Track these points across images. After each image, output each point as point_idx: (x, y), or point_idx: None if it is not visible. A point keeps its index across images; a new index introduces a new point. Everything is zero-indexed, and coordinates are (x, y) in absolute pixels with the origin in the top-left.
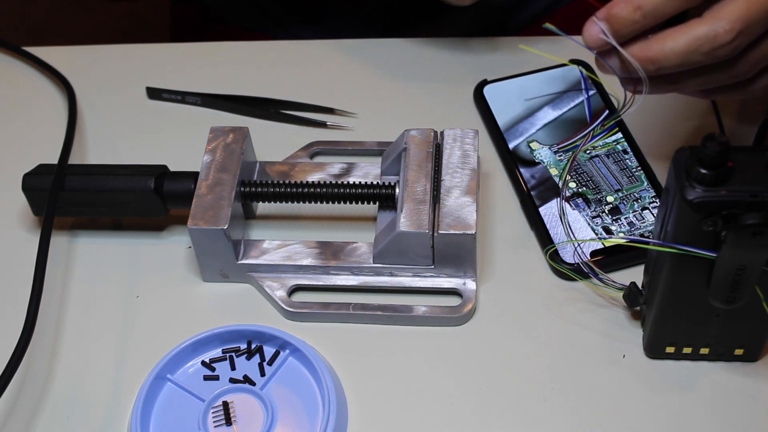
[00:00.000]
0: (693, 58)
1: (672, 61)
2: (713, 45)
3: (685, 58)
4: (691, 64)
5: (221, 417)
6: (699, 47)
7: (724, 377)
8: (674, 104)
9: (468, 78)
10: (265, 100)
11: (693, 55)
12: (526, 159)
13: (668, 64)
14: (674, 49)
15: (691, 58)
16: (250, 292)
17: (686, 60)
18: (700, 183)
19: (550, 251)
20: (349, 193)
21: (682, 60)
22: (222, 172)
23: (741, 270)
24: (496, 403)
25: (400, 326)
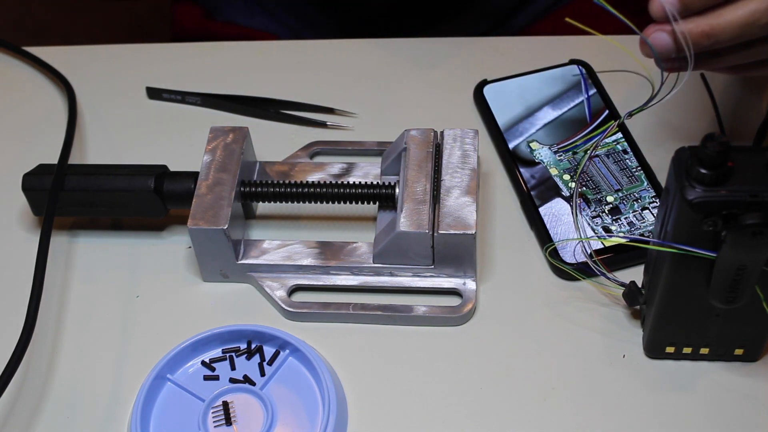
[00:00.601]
0: (750, 30)
1: (729, 34)
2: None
3: (743, 31)
4: (747, 37)
5: (221, 417)
6: (758, 19)
7: (724, 377)
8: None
9: (468, 78)
10: (265, 100)
11: (751, 27)
12: (526, 159)
13: (725, 38)
14: (732, 22)
15: (748, 30)
16: (250, 292)
17: (743, 32)
18: (700, 183)
19: (549, 249)
20: (349, 193)
21: (739, 32)
22: (222, 172)
23: (741, 270)
24: (496, 403)
25: (400, 326)
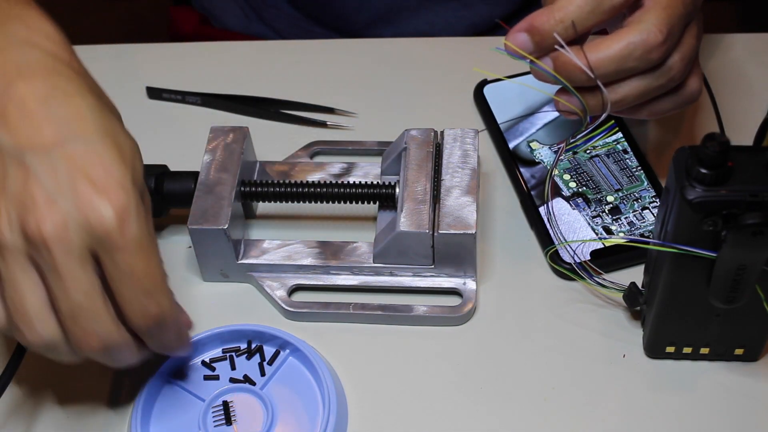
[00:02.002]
0: (628, 64)
1: (607, 68)
2: (646, 48)
3: (621, 64)
4: (626, 71)
5: (221, 417)
6: (632, 52)
7: (724, 377)
8: None
9: (468, 78)
10: (265, 100)
11: (627, 60)
12: (526, 159)
13: (604, 71)
14: (609, 56)
15: (625, 64)
16: (250, 291)
17: (621, 66)
18: (700, 183)
19: (550, 252)
20: (349, 192)
21: (617, 66)
22: (222, 171)
23: (741, 270)
24: (496, 403)
25: (400, 326)
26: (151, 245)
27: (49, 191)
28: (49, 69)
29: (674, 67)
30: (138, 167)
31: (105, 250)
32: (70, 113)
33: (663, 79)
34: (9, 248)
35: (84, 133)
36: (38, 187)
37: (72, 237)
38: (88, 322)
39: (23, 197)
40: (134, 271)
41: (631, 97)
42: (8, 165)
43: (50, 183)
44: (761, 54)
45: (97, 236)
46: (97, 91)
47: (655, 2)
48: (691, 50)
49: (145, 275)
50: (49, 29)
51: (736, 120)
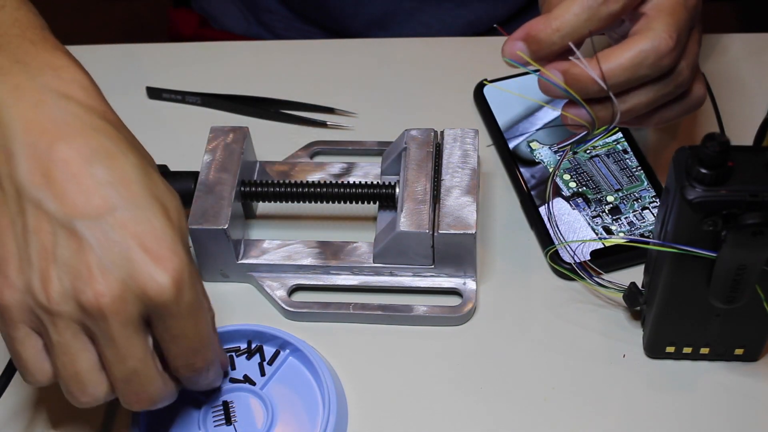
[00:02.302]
0: (640, 72)
1: (619, 77)
2: (658, 54)
3: (633, 73)
4: (637, 80)
5: (221, 417)
6: (644, 60)
7: (724, 377)
8: None
9: (468, 78)
10: (265, 100)
11: (639, 68)
12: (526, 159)
13: (616, 81)
14: (621, 65)
15: (638, 72)
16: (250, 291)
17: (633, 75)
18: (700, 183)
19: (550, 252)
20: (349, 192)
21: (629, 75)
22: (222, 171)
23: (741, 270)
24: (496, 403)
25: (400, 326)
26: (203, 307)
27: (103, 261)
28: (88, 126)
29: (682, 72)
30: (184, 225)
31: (159, 317)
32: (115, 177)
33: (671, 86)
34: (62, 316)
35: (132, 199)
36: (92, 256)
37: (129, 308)
38: (142, 386)
39: (77, 266)
40: (186, 335)
41: (640, 105)
42: (58, 232)
43: (104, 252)
44: (761, 54)
45: (153, 305)
46: (134, 144)
47: (660, 9)
48: (695, 56)
49: (195, 336)
50: (82, 78)
51: (736, 120)
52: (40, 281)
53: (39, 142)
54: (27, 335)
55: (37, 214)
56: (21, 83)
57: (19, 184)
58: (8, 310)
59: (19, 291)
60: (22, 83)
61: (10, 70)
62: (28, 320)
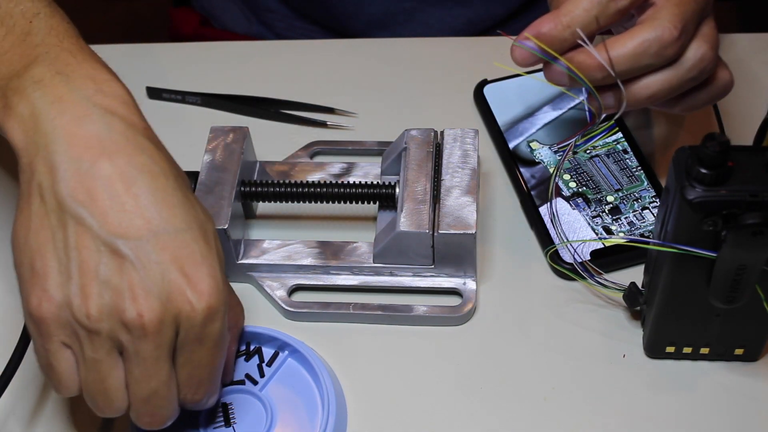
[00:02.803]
0: (643, 60)
1: (622, 66)
2: (661, 44)
3: (635, 61)
4: (641, 68)
5: (220, 418)
6: (647, 49)
7: (724, 377)
8: None
9: (468, 78)
10: (265, 100)
11: (642, 57)
12: (526, 159)
13: (619, 69)
14: (624, 53)
15: (640, 60)
16: (250, 291)
17: (637, 63)
18: (700, 183)
19: (550, 252)
20: (349, 192)
21: (632, 63)
22: (222, 171)
23: (741, 270)
24: (496, 403)
25: (400, 326)
26: (225, 340)
27: (145, 281)
28: (131, 143)
29: (705, 57)
30: (221, 250)
31: (184, 342)
32: (158, 199)
33: (694, 72)
34: (100, 333)
35: (173, 222)
36: (135, 275)
37: (166, 329)
38: (159, 407)
39: (119, 284)
40: (201, 364)
41: (663, 92)
42: (101, 249)
43: (145, 273)
44: (761, 54)
45: (184, 329)
46: (172, 163)
47: (667, 0)
48: (716, 40)
49: (208, 367)
50: (123, 93)
51: (736, 120)
52: (80, 297)
53: (82, 158)
54: (61, 348)
55: (78, 230)
56: (64, 96)
57: (61, 199)
58: (45, 324)
59: (57, 305)
60: (64, 96)
61: (51, 82)
62: (63, 334)
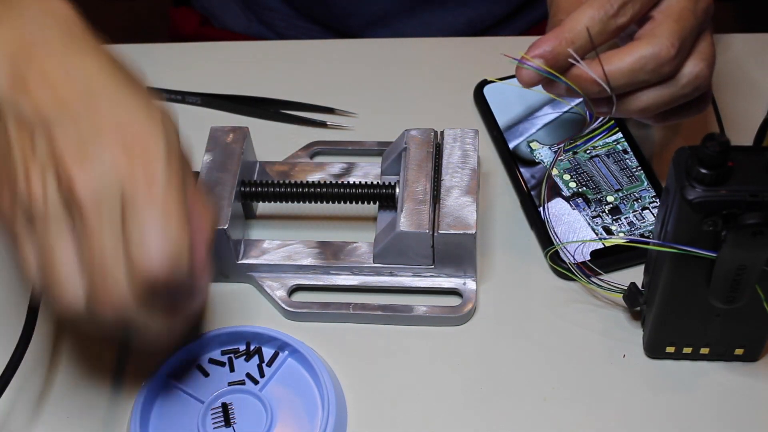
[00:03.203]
0: (639, 76)
1: (619, 81)
2: (658, 62)
3: (632, 77)
4: (637, 84)
5: (220, 418)
6: (644, 65)
7: (724, 377)
8: None
9: (468, 78)
10: (265, 100)
11: (639, 73)
12: (526, 159)
13: (615, 84)
14: (621, 69)
15: (637, 76)
16: (250, 292)
17: (633, 79)
18: (700, 183)
19: (550, 252)
20: (349, 193)
21: (628, 79)
22: (222, 172)
23: (741, 270)
24: (496, 403)
25: (400, 326)
26: (177, 200)
27: (78, 150)
28: (65, 33)
29: (701, 75)
30: (167, 119)
31: (129, 206)
32: (89, 72)
33: (689, 89)
34: (44, 213)
35: (105, 87)
36: (67, 146)
37: (103, 195)
38: (106, 282)
39: (53, 159)
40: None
41: (655, 106)
42: (35, 133)
43: (78, 141)
44: (761, 54)
45: (125, 193)
46: (115, 55)
47: (667, 15)
48: (713, 56)
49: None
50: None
51: (736, 120)
52: (24, 185)
53: (18, 54)
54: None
55: (16, 123)
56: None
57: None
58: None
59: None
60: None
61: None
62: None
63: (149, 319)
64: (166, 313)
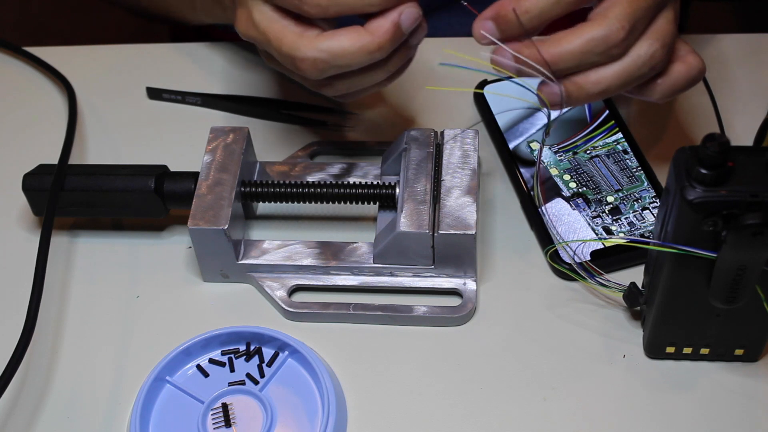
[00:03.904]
0: (589, 58)
1: (568, 62)
2: (607, 44)
3: (582, 59)
4: (586, 65)
5: (220, 419)
6: (594, 47)
7: (724, 377)
8: (674, 104)
9: (468, 78)
10: (265, 100)
11: (588, 55)
12: (526, 159)
13: (564, 66)
14: (570, 50)
15: (586, 58)
16: (250, 292)
17: (582, 60)
18: (700, 183)
19: (550, 251)
20: (349, 193)
21: (578, 60)
22: (222, 172)
23: (741, 270)
24: (496, 403)
25: (400, 326)
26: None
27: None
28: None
29: (655, 56)
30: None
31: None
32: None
33: (645, 69)
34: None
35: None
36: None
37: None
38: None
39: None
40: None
41: (614, 87)
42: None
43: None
44: (761, 54)
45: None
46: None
47: None
48: (671, 36)
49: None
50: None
51: (736, 120)
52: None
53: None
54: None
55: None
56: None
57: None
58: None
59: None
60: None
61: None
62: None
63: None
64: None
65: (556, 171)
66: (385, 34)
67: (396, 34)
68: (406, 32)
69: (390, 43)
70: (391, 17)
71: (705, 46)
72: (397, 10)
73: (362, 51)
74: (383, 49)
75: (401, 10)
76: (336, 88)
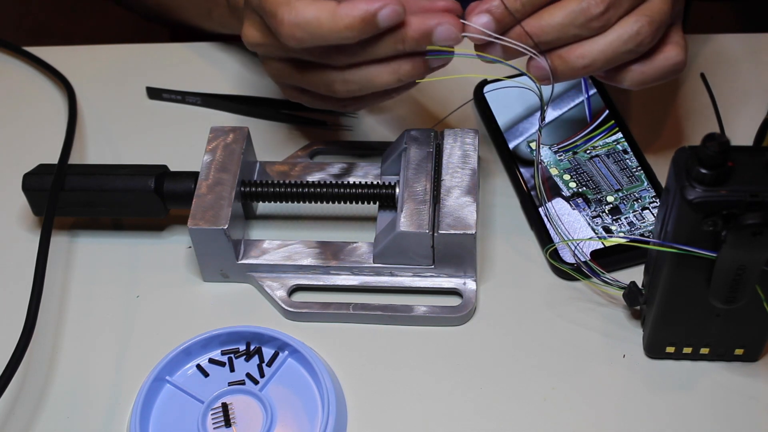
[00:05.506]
0: (570, 30)
1: (549, 35)
2: (586, 17)
3: (562, 32)
4: (569, 38)
5: (220, 418)
6: (573, 20)
7: (724, 377)
8: (674, 104)
9: (468, 78)
10: (265, 100)
11: (569, 28)
12: (526, 159)
13: (546, 38)
14: (551, 23)
15: (567, 30)
16: (250, 292)
17: (563, 33)
18: (700, 183)
19: (549, 250)
20: (349, 193)
21: (559, 33)
22: (222, 172)
23: (741, 270)
24: (496, 403)
25: (400, 326)
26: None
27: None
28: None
29: (641, 32)
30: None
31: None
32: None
33: (630, 44)
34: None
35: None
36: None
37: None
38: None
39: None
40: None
41: (598, 62)
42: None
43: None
44: (761, 54)
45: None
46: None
47: None
48: (661, 14)
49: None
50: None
51: (736, 120)
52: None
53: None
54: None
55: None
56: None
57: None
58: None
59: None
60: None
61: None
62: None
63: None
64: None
65: (556, 171)
66: (357, 14)
67: (367, 17)
68: (381, 20)
69: (360, 24)
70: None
71: (705, 46)
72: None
73: (333, 21)
74: (352, 28)
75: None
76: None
